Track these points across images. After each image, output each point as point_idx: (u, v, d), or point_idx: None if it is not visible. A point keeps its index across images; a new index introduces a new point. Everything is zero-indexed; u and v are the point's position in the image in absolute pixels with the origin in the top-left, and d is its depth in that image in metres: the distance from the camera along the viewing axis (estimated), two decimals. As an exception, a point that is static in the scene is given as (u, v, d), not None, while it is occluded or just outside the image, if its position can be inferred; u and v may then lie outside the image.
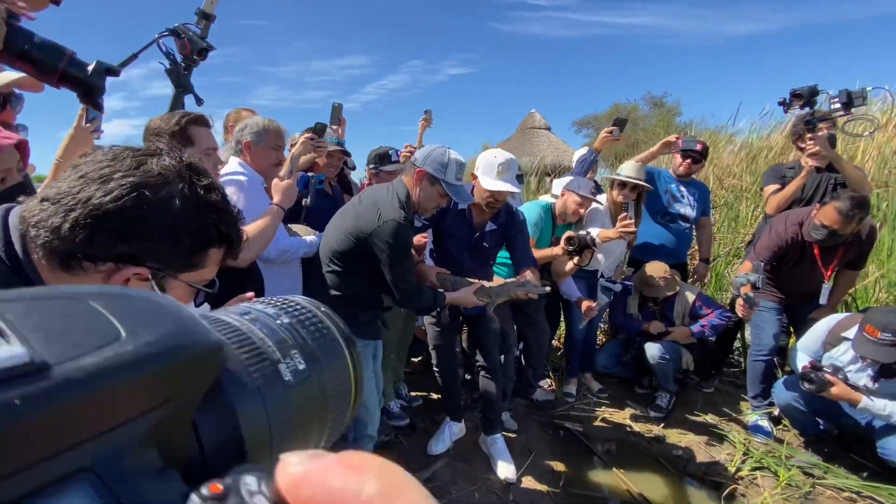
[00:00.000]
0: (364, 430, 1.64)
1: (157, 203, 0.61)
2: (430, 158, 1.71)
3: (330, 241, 1.71)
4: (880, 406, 2.15)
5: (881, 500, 2.17)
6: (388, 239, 1.61)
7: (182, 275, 0.66)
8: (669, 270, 2.89)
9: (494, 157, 2.00)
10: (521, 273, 2.17)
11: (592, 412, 2.91)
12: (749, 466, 2.40)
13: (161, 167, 0.63)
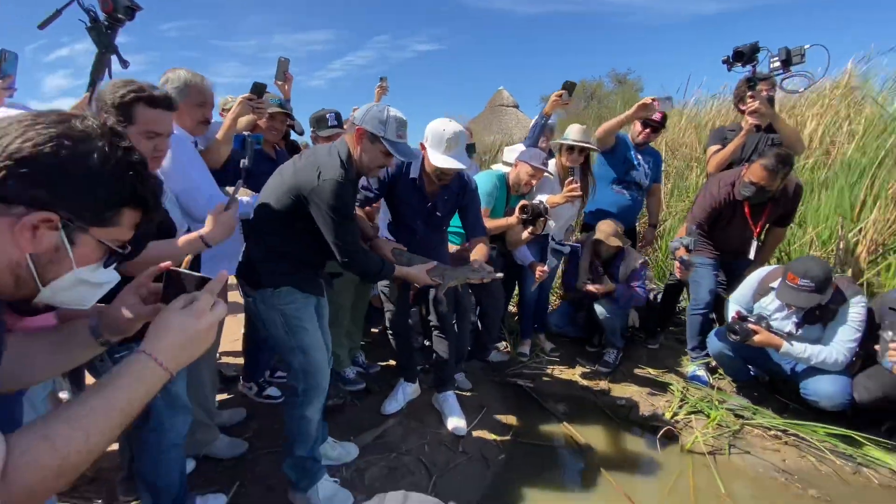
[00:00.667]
0: (312, 381, 1.64)
1: (74, 154, 0.63)
2: (368, 115, 1.66)
3: (268, 199, 1.69)
4: (800, 350, 2.33)
5: (803, 436, 2.36)
6: (329, 198, 1.57)
7: (93, 229, 0.67)
8: (620, 228, 2.99)
9: (443, 130, 1.97)
10: (472, 242, 2.21)
11: (544, 370, 3.03)
12: (685, 411, 2.56)
13: (84, 125, 0.66)
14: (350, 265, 1.72)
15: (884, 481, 2.09)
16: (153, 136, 1.33)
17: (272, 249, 1.65)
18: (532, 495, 1.94)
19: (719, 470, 2.15)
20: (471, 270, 1.99)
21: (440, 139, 1.97)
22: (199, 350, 0.73)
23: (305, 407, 1.66)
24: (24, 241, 0.63)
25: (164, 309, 0.74)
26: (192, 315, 0.73)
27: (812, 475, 2.14)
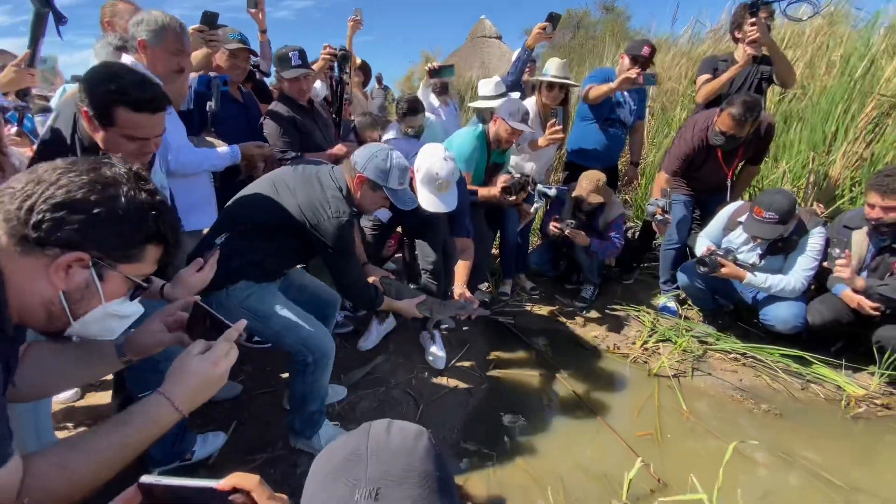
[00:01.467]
0: (317, 350, 1.66)
1: (103, 198, 0.70)
2: (370, 164, 1.66)
3: (256, 209, 1.65)
4: (762, 280, 2.48)
5: (760, 358, 2.57)
6: (334, 237, 1.61)
7: (120, 265, 0.74)
8: (603, 181, 3.00)
9: (436, 173, 1.94)
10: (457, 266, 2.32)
11: (524, 307, 3.16)
12: (654, 340, 2.75)
13: (112, 172, 0.73)
14: (348, 294, 1.86)
15: (829, 396, 2.32)
16: (136, 139, 1.21)
17: (238, 253, 1.59)
18: (512, 419, 2.10)
19: (683, 391, 2.35)
20: (458, 307, 2.11)
21: (432, 180, 1.98)
22: (212, 393, 0.80)
23: (319, 373, 1.70)
24: (58, 280, 0.69)
25: (183, 353, 0.80)
26: (210, 362, 0.78)
27: (765, 392, 2.36)
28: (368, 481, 0.53)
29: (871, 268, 2.35)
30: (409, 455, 0.56)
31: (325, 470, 0.57)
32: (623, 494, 1.69)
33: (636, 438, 2.00)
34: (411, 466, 0.55)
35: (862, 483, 1.79)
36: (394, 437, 0.59)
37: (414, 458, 0.56)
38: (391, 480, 0.53)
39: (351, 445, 0.58)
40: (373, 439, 0.58)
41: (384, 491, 0.52)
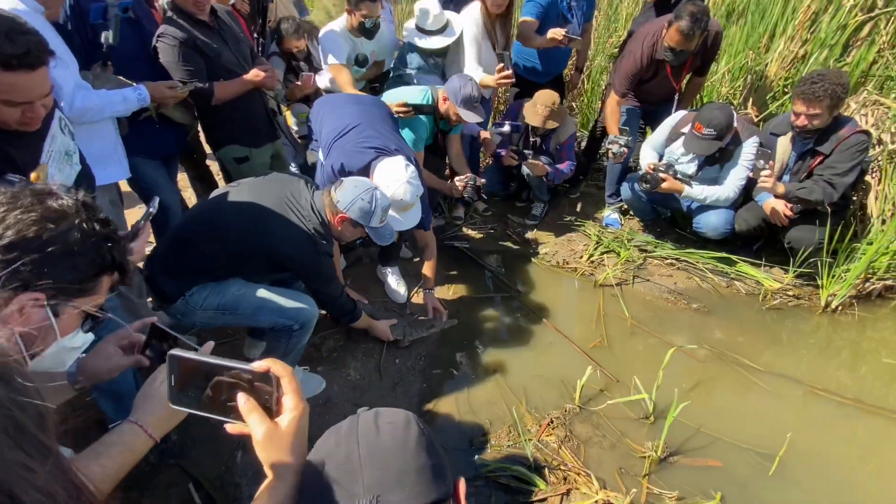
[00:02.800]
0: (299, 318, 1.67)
1: (57, 234, 0.68)
2: (354, 207, 1.62)
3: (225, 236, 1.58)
4: (698, 192, 2.62)
5: (692, 261, 2.80)
6: (318, 269, 1.67)
7: (76, 300, 0.72)
8: (557, 102, 2.88)
9: (401, 199, 1.86)
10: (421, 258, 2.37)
11: (479, 230, 3.18)
12: (599, 252, 2.90)
13: (59, 204, 0.69)
14: (330, 309, 1.88)
15: (749, 291, 2.61)
16: (16, 104, 0.97)
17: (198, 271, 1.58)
18: (474, 338, 2.21)
19: (625, 298, 2.55)
20: (430, 327, 2.21)
21: (396, 206, 1.88)
22: (182, 416, 0.75)
23: (302, 337, 1.73)
24: (13, 321, 0.67)
25: (150, 379, 0.77)
26: None
27: (695, 292, 2.62)
28: (367, 490, 0.53)
29: (792, 171, 2.53)
30: (402, 453, 0.56)
31: (320, 479, 0.56)
32: (576, 399, 1.88)
33: (587, 347, 2.19)
34: (406, 467, 0.55)
35: (774, 364, 2.11)
36: (384, 435, 0.58)
37: (407, 455, 0.56)
38: (389, 484, 0.53)
39: (342, 452, 0.57)
40: (363, 441, 0.57)
41: (384, 497, 0.53)
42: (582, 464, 1.64)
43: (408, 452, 0.56)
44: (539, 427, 1.78)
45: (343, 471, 0.55)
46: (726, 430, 1.76)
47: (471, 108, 2.34)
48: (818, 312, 2.46)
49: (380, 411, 0.62)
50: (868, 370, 2.16)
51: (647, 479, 1.59)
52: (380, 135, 2.03)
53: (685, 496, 1.53)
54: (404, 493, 0.53)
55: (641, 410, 1.84)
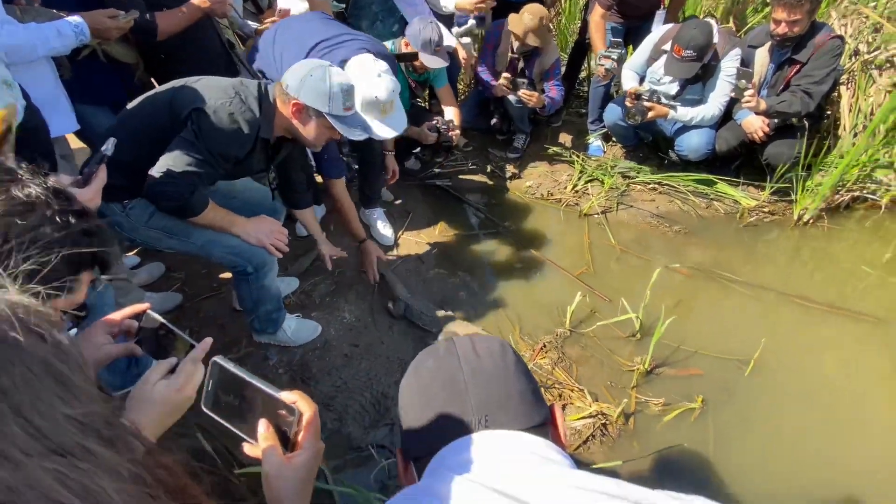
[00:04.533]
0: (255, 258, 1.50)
1: (25, 229, 0.59)
2: (305, 87, 1.34)
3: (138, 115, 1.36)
4: (684, 113, 2.59)
5: (673, 185, 2.83)
6: (206, 125, 1.30)
7: (55, 301, 0.63)
8: (546, 18, 2.69)
9: (376, 96, 1.64)
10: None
11: (460, 167, 3.11)
12: (583, 181, 2.89)
13: (25, 194, 0.61)
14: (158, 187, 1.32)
15: (728, 210, 2.68)
16: None
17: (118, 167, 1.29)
18: (465, 276, 2.24)
19: (610, 225, 2.59)
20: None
21: (373, 106, 1.65)
22: (178, 416, 0.71)
23: (262, 280, 1.57)
24: None
25: (143, 379, 0.71)
26: (175, 388, 0.70)
27: (677, 215, 2.68)
28: (475, 410, 0.53)
29: (770, 84, 2.52)
30: (504, 377, 0.56)
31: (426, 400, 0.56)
32: (566, 322, 1.96)
33: (576, 274, 2.24)
34: (508, 390, 0.55)
35: (751, 276, 2.22)
36: (484, 358, 0.57)
37: (508, 378, 0.56)
38: (494, 405, 0.54)
39: (445, 373, 0.57)
40: (466, 365, 0.57)
41: (492, 416, 0.53)
42: (575, 381, 1.73)
43: (509, 376, 0.56)
44: (533, 352, 1.86)
45: (449, 391, 0.55)
46: (707, 340, 1.88)
47: (431, 52, 2.20)
48: (791, 226, 2.56)
49: (473, 338, 0.61)
50: (835, 277, 2.30)
51: (635, 391, 1.70)
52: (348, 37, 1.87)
53: (670, 402, 1.65)
54: (510, 415, 0.53)
55: (629, 329, 1.93)
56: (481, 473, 0.46)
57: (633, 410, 1.64)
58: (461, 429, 0.52)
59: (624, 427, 1.59)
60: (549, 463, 0.47)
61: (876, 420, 1.64)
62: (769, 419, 1.62)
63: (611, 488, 0.40)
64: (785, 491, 1.42)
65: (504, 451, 0.49)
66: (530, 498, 0.40)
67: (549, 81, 2.87)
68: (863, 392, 1.74)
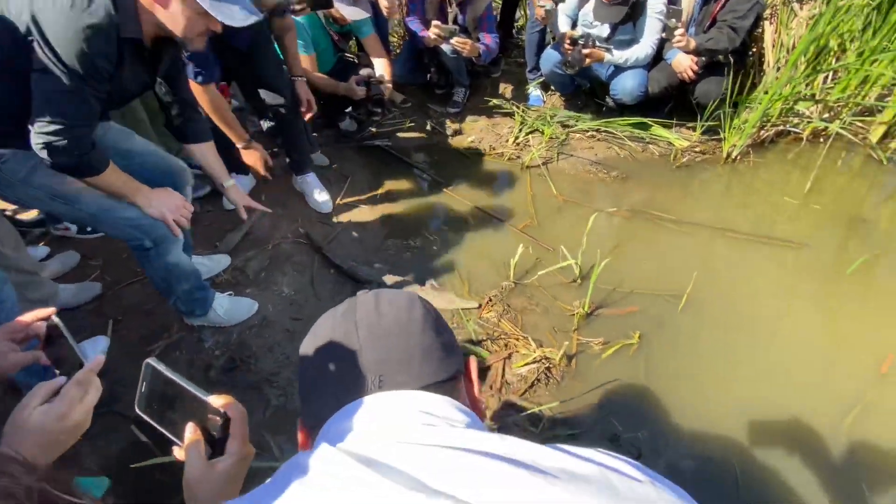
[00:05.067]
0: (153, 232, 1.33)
1: None
2: None
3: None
4: (619, 56, 2.58)
5: (611, 131, 2.85)
6: (67, 41, 1.01)
7: None
8: None
9: None
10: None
11: (399, 125, 2.99)
12: (524, 133, 2.86)
13: None
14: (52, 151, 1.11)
15: (662, 152, 2.74)
16: None
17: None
18: (410, 237, 2.19)
19: (551, 176, 2.59)
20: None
21: None
22: (68, 445, 0.64)
23: (164, 256, 1.40)
24: None
25: (20, 405, 0.63)
26: (55, 417, 0.62)
27: (614, 160, 2.71)
28: (368, 371, 0.49)
29: (697, 21, 2.54)
30: (406, 334, 0.52)
31: (319, 364, 0.52)
32: (510, 275, 1.97)
33: (520, 227, 2.25)
34: (411, 347, 0.51)
35: (684, 214, 2.30)
36: (385, 316, 0.52)
37: (411, 335, 0.52)
38: (393, 365, 0.49)
39: (340, 333, 0.52)
40: (363, 324, 0.52)
41: (388, 377, 0.49)
42: (520, 330, 1.76)
43: (412, 333, 0.52)
44: (479, 307, 1.86)
45: (342, 352, 0.51)
46: (643, 279, 1.95)
47: (349, 1, 2.04)
48: (721, 164, 2.65)
49: (380, 292, 0.56)
50: (761, 209, 2.42)
51: (577, 333, 1.75)
52: None
53: (609, 340, 1.71)
54: (409, 374, 0.49)
55: (571, 275, 1.96)
56: (352, 439, 0.42)
57: (576, 352, 1.69)
58: (354, 392, 0.49)
59: (567, 368, 1.64)
60: (437, 422, 0.44)
61: (802, 337, 1.76)
62: (702, 346, 1.72)
63: (493, 446, 0.38)
64: (720, 410, 1.52)
65: (389, 413, 0.46)
66: (389, 460, 0.36)
67: (483, 29, 2.76)
68: (788, 312, 1.87)
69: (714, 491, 1.35)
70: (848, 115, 2.75)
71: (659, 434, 1.47)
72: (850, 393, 1.56)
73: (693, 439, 1.46)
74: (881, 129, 2.71)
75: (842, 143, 2.77)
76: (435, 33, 2.60)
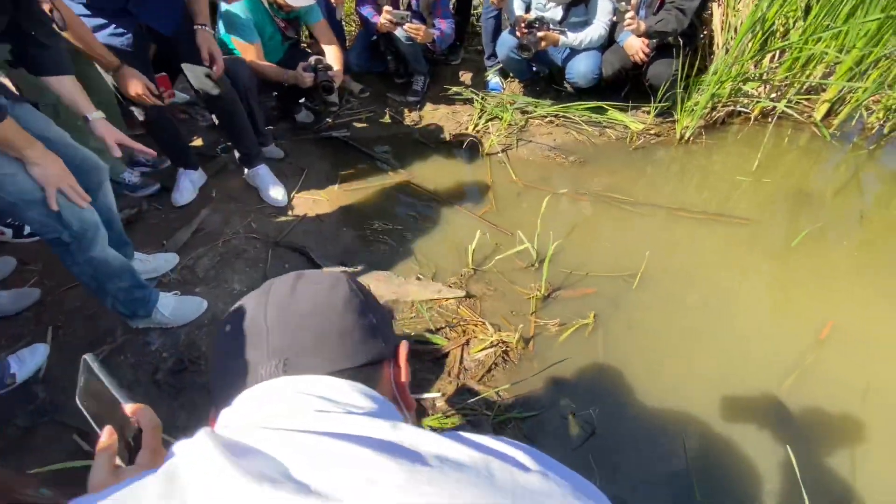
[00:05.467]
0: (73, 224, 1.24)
1: None
2: None
3: None
4: (573, 38, 2.59)
5: (569, 116, 2.87)
6: None
7: None
8: None
9: None
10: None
11: (357, 115, 2.94)
12: (484, 120, 2.85)
13: None
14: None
15: (619, 136, 2.77)
16: None
17: None
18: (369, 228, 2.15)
19: (511, 162, 2.59)
20: None
21: None
22: None
23: (87, 252, 1.33)
24: None
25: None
26: None
27: (572, 145, 2.73)
28: (272, 354, 0.46)
29: (647, 4, 2.57)
30: (322, 315, 0.48)
31: (227, 347, 0.49)
32: (469, 262, 1.96)
33: (480, 214, 2.24)
34: (325, 330, 0.47)
35: (639, 196, 2.33)
36: (300, 297, 0.49)
37: (328, 317, 0.48)
38: (300, 348, 0.46)
39: (249, 315, 0.49)
40: (273, 303, 0.49)
41: (293, 360, 0.45)
42: (478, 316, 1.76)
43: (329, 315, 0.48)
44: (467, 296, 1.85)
45: (249, 335, 0.48)
46: (599, 261, 1.97)
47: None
48: (675, 145, 2.71)
49: (305, 273, 0.53)
50: (713, 188, 2.48)
51: (534, 316, 1.76)
52: None
53: (566, 322, 1.73)
54: (318, 358, 0.46)
55: (529, 260, 1.97)
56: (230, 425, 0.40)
57: (533, 335, 1.71)
58: (254, 377, 0.46)
59: (524, 351, 1.65)
60: (333, 408, 0.42)
61: (750, 308, 1.82)
62: (656, 322, 1.76)
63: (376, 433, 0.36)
64: (672, 382, 1.55)
65: (282, 398, 0.43)
66: (256, 443, 0.35)
67: (438, 14, 2.73)
68: (738, 286, 1.93)
69: (665, 461, 1.39)
70: (793, 94, 2.83)
71: (613, 410, 1.49)
72: (790, 359, 1.62)
73: (645, 412, 1.49)
74: (825, 107, 2.81)
75: (789, 121, 2.87)
76: (386, 18, 2.55)
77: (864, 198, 2.42)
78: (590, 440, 1.42)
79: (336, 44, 2.39)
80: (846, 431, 1.46)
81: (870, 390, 1.55)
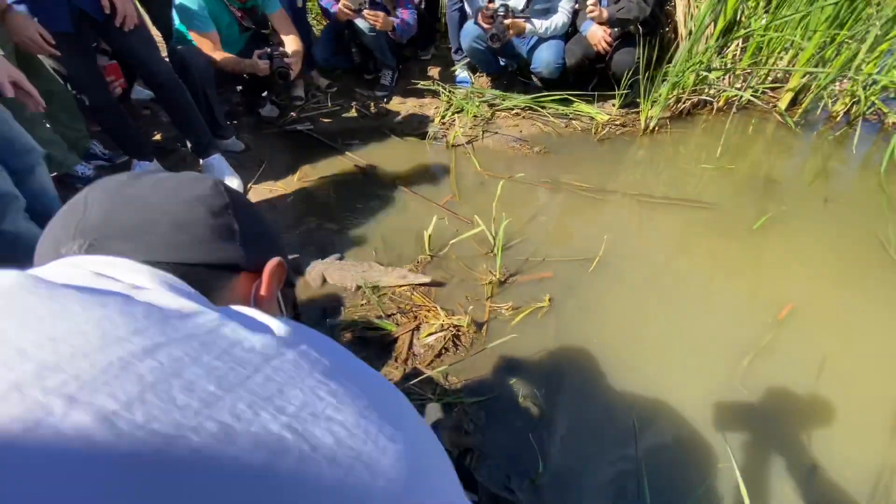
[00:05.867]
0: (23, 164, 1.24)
1: None
2: None
3: None
4: (539, 25, 2.59)
5: (536, 108, 2.86)
6: None
7: None
8: None
9: None
10: None
11: (323, 110, 2.91)
12: (450, 113, 2.83)
13: None
14: None
15: (584, 127, 2.76)
16: None
17: None
18: (329, 220, 2.11)
19: (476, 153, 2.57)
20: None
21: None
22: None
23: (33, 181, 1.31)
24: None
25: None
26: None
27: (538, 137, 2.71)
28: (80, 233, 0.38)
29: (609, -9, 2.58)
30: (160, 203, 0.41)
31: (49, 226, 0.42)
32: (426, 248, 1.92)
33: (442, 203, 2.21)
34: (158, 217, 0.40)
35: (603, 184, 2.31)
36: (142, 185, 0.42)
37: (168, 206, 0.41)
38: (117, 230, 0.39)
39: (79, 197, 0.42)
40: (104, 186, 0.41)
41: (101, 242, 0.38)
42: (432, 301, 1.71)
43: (169, 204, 0.41)
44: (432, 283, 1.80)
45: (67, 213, 0.41)
46: (558, 246, 1.94)
47: None
48: (640, 135, 2.70)
49: (175, 174, 0.45)
50: (677, 176, 2.46)
51: (490, 301, 1.72)
52: None
53: (520, 305, 1.69)
54: (136, 243, 0.39)
55: (488, 246, 1.94)
56: None
57: (487, 319, 1.67)
58: (50, 255, 0.39)
59: (477, 335, 1.61)
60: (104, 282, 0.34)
61: (708, 291, 1.79)
62: (612, 305, 1.72)
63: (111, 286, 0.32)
64: (624, 364, 1.52)
65: (55, 273, 0.35)
66: None
67: (400, 4, 2.72)
68: (697, 268, 1.90)
69: (615, 443, 1.34)
70: (757, 83, 2.85)
71: (561, 391, 1.45)
72: (748, 340, 1.59)
73: (596, 394, 1.45)
74: (789, 96, 2.82)
75: (755, 111, 2.88)
76: (344, 4, 2.53)
77: (829, 183, 2.42)
78: (538, 422, 1.38)
79: (295, 33, 2.37)
80: (801, 408, 1.43)
81: (825, 369, 1.52)
